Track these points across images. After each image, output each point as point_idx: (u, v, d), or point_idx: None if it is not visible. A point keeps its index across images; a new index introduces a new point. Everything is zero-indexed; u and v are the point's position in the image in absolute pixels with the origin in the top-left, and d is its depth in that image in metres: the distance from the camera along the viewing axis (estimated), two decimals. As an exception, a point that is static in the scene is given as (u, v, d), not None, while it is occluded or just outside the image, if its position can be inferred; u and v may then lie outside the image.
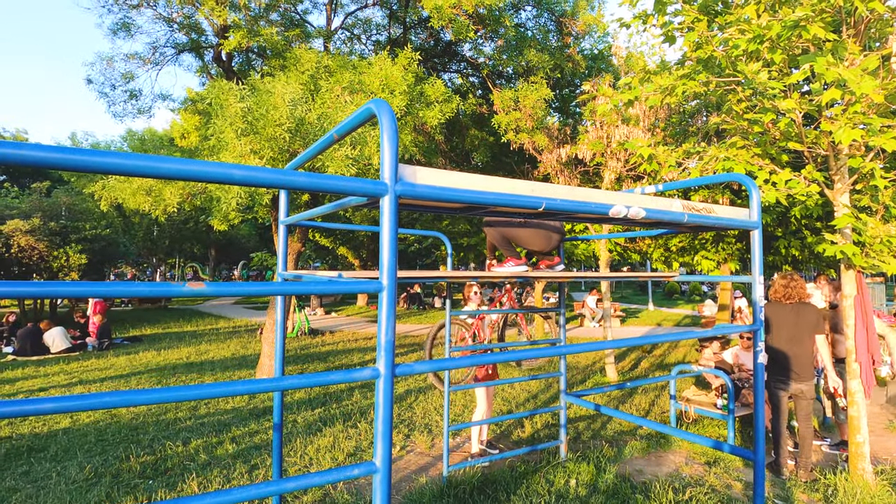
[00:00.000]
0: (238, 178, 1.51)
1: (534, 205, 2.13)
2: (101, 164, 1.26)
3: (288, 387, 1.68)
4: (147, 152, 20.81)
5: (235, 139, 4.72)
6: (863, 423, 4.20)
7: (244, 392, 1.53)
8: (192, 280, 43.13)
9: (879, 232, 4.03)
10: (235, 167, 1.51)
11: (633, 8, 5.02)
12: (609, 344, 2.70)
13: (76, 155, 1.21)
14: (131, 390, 1.30)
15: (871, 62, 3.47)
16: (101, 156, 1.30)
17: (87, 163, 1.25)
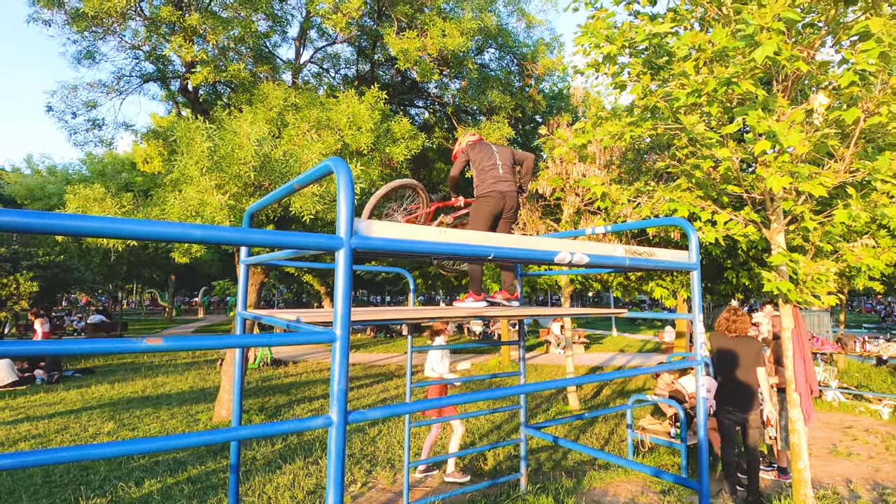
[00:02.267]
0: (198, 237, 1.60)
1: (483, 253, 2.27)
2: (67, 227, 1.33)
3: (242, 437, 1.74)
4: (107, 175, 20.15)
5: (200, 175, 4.74)
6: (803, 451, 4.45)
7: (197, 444, 1.58)
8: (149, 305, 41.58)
9: (810, 269, 4.36)
10: (195, 227, 1.59)
11: (587, 56, 5.37)
12: (567, 381, 2.84)
13: (34, 219, 1.27)
14: (78, 446, 1.33)
15: (797, 115, 3.84)
16: (65, 219, 1.37)
17: (50, 226, 1.32)
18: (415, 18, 6.49)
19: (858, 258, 4.67)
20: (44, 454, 1.28)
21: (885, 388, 9.20)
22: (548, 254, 2.52)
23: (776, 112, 4.15)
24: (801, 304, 4.81)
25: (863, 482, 5.11)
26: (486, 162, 4.06)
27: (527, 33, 8.04)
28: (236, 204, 5.04)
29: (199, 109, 7.78)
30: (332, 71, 9.76)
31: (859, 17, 3.71)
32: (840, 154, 4.21)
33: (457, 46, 6.06)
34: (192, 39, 6.08)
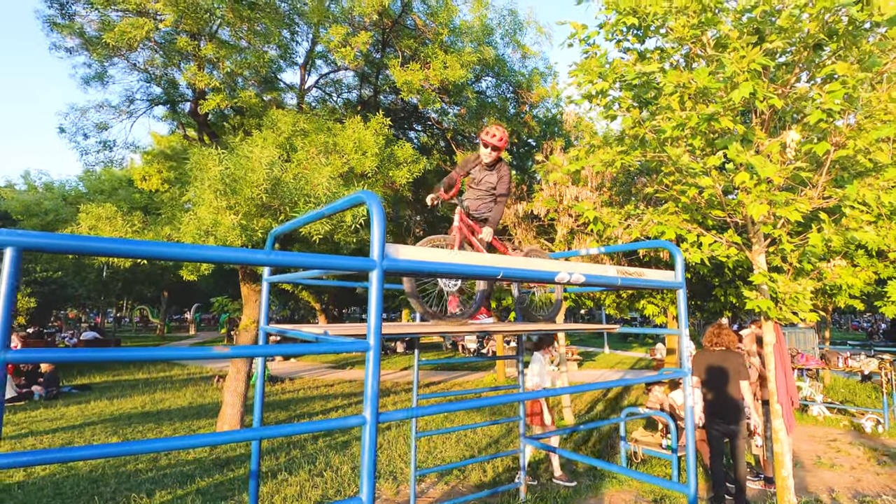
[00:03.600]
0: (232, 258, 1.84)
1: (493, 273, 2.56)
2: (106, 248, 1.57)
3: (275, 434, 1.98)
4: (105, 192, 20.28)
5: (213, 196, 5.01)
6: (787, 459, 4.72)
7: (234, 440, 1.80)
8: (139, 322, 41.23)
9: (788, 288, 4.69)
10: (230, 250, 1.84)
11: (580, 90, 5.75)
12: (563, 390, 3.11)
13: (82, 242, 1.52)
14: (125, 442, 1.58)
15: (773, 148, 4.21)
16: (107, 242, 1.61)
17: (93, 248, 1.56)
18: (418, 51, 6.87)
19: (835, 277, 5.03)
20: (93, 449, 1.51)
21: (870, 403, 9.53)
22: (549, 274, 2.81)
23: (755, 143, 4.53)
24: (782, 321, 5.14)
25: (845, 491, 5.38)
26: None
27: (522, 63, 8.48)
28: (248, 224, 5.30)
29: (207, 132, 8.09)
30: (335, 95, 10.13)
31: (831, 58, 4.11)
32: (814, 181, 4.58)
33: (457, 78, 6.43)
34: (204, 67, 6.40)
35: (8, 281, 1.41)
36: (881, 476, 5.82)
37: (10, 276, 1.41)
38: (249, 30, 6.03)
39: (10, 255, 1.41)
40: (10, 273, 1.42)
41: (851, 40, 3.82)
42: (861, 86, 3.74)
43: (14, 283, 1.42)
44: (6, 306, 1.39)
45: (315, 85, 9.37)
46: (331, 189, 5.33)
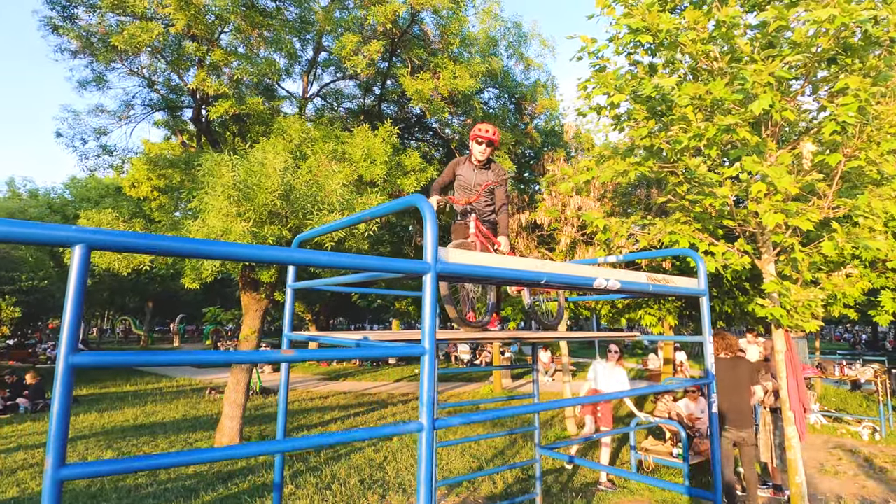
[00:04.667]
0: (296, 258, 1.77)
1: (537, 278, 2.55)
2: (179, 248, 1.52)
3: (334, 442, 1.91)
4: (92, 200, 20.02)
5: (227, 203, 4.94)
6: (800, 466, 4.76)
7: (302, 447, 1.76)
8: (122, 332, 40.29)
9: (801, 296, 4.76)
10: (294, 251, 1.78)
11: (590, 101, 5.83)
12: (583, 399, 3.10)
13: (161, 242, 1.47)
14: (189, 451, 1.53)
15: (785, 158, 4.30)
16: (180, 242, 1.57)
17: (165, 247, 1.51)
18: (428, 61, 6.92)
19: (836, 287, 5.12)
20: (171, 457, 1.45)
21: (862, 411, 9.68)
22: (588, 279, 2.81)
23: (766, 154, 4.62)
24: (792, 329, 5.21)
25: (852, 498, 5.43)
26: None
27: (525, 75, 8.59)
28: (259, 231, 5.23)
29: (209, 139, 8.00)
30: (336, 105, 10.12)
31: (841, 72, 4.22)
32: (823, 191, 4.68)
33: (467, 88, 6.48)
34: (211, 73, 6.35)
35: (77, 281, 1.35)
36: (883, 483, 5.89)
37: (78, 277, 1.35)
38: (260, 37, 6.01)
39: (80, 254, 1.36)
40: (78, 273, 1.36)
41: (863, 55, 3.93)
42: (873, 99, 3.85)
43: (83, 284, 1.37)
44: (75, 308, 1.33)
45: (317, 94, 9.36)
46: (344, 196, 5.29)
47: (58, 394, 1.29)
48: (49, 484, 1.22)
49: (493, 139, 3.73)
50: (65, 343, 1.30)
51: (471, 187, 3.88)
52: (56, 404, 1.28)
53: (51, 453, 1.25)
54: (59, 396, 1.29)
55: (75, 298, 1.32)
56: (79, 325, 1.34)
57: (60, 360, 1.30)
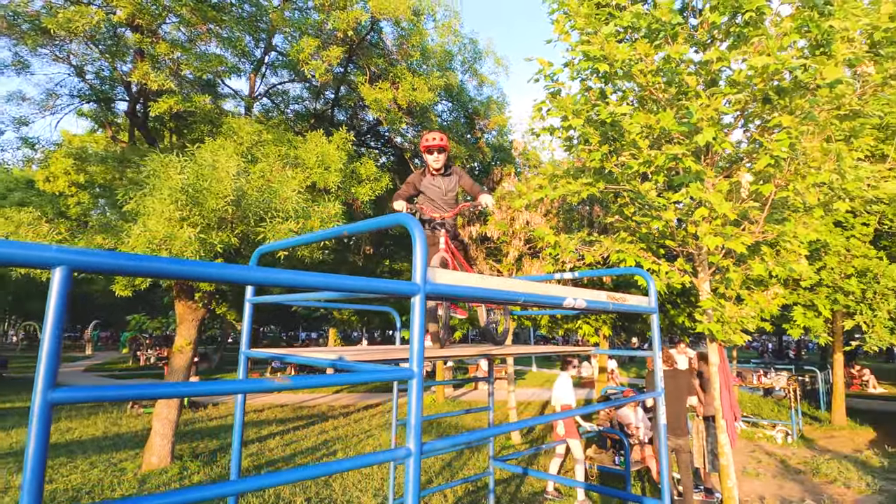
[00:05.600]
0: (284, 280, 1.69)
1: (516, 298, 2.60)
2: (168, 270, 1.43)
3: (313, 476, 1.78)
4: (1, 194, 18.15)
5: (172, 207, 4.63)
6: (731, 471, 5.13)
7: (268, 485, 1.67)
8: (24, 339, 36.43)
9: (733, 313, 5.16)
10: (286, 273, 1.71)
11: (543, 122, 6.03)
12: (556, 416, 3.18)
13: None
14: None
15: (723, 186, 4.66)
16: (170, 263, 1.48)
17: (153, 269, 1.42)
18: (386, 71, 6.87)
19: (758, 303, 5.59)
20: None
21: (774, 416, 10.60)
22: (559, 299, 2.90)
23: (706, 182, 4.99)
24: (724, 343, 5.63)
25: (772, 498, 5.92)
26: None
27: (478, 90, 8.76)
28: (206, 238, 4.94)
29: (146, 135, 7.49)
30: (283, 105, 9.81)
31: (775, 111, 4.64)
32: (755, 218, 5.12)
33: (425, 100, 6.50)
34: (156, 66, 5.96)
35: (56, 307, 1.22)
36: (799, 483, 6.49)
37: (58, 302, 1.22)
38: (210, 32, 5.71)
39: (60, 277, 1.23)
40: (58, 297, 1.23)
41: (793, 97, 4.36)
42: (801, 137, 4.28)
43: (63, 311, 1.24)
44: (54, 338, 1.20)
45: (266, 94, 9.03)
46: (299, 204, 5.12)
47: (34, 435, 1.15)
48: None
49: (443, 146, 3.74)
50: (42, 377, 1.16)
51: (441, 195, 3.86)
52: (32, 446, 1.14)
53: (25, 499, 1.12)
54: (35, 438, 1.15)
55: (54, 328, 1.19)
56: (58, 356, 1.21)
57: (37, 397, 1.17)
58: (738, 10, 4.32)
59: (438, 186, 3.85)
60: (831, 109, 4.67)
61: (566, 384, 6.30)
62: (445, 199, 3.87)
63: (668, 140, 5.00)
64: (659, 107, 5.07)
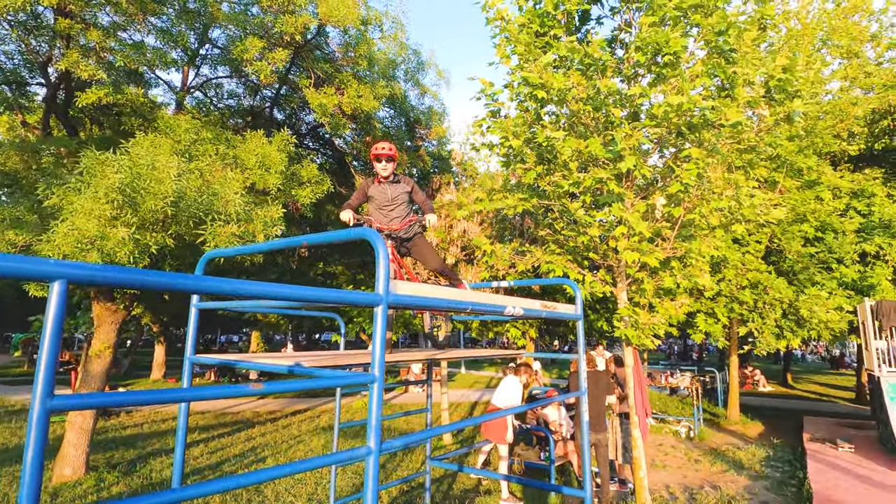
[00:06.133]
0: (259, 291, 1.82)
1: (464, 306, 2.85)
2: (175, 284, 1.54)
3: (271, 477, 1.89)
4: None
5: (108, 207, 4.42)
6: (642, 462, 5.70)
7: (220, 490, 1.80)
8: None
9: (646, 320, 5.75)
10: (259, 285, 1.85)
11: (484, 137, 6.38)
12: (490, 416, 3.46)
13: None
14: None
15: (640, 206, 5.21)
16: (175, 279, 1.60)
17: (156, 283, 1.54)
18: (333, 76, 6.90)
19: (667, 311, 6.26)
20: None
21: (679, 413, 11.69)
22: (501, 307, 3.19)
23: (626, 203, 5.54)
24: (638, 346, 6.23)
25: (677, 487, 6.62)
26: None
27: (420, 100, 8.97)
28: (141, 238, 4.76)
29: (67, 125, 7.00)
30: (216, 99, 9.48)
31: (686, 143, 5.26)
32: (666, 235, 5.75)
33: (370, 108, 6.62)
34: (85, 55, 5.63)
35: (55, 319, 1.30)
36: (699, 472, 7.28)
37: (57, 314, 1.31)
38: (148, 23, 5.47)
39: (59, 290, 1.32)
40: (57, 309, 1.31)
41: (701, 132, 4.98)
42: (708, 167, 4.91)
43: (61, 322, 1.32)
44: (52, 348, 1.28)
45: (198, 87, 8.70)
46: (241, 207, 5.07)
47: (32, 442, 1.23)
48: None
49: (391, 155, 3.91)
50: (41, 385, 1.24)
51: (388, 203, 4.01)
52: (31, 450, 1.22)
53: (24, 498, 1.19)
54: (33, 445, 1.22)
55: (53, 338, 1.27)
56: (55, 366, 1.29)
57: (36, 404, 1.25)
58: (658, 51, 4.87)
59: (385, 193, 4.01)
60: (733, 143, 5.38)
61: (514, 387, 6.59)
62: (391, 206, 4.04)
63: (594, 163, 5.50)
64: (588, 131, 5.57)
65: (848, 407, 14.32)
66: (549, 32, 5.81)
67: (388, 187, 4.00)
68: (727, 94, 4.91)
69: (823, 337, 9.60)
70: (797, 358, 38.78)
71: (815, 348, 44.34)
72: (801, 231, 9.60)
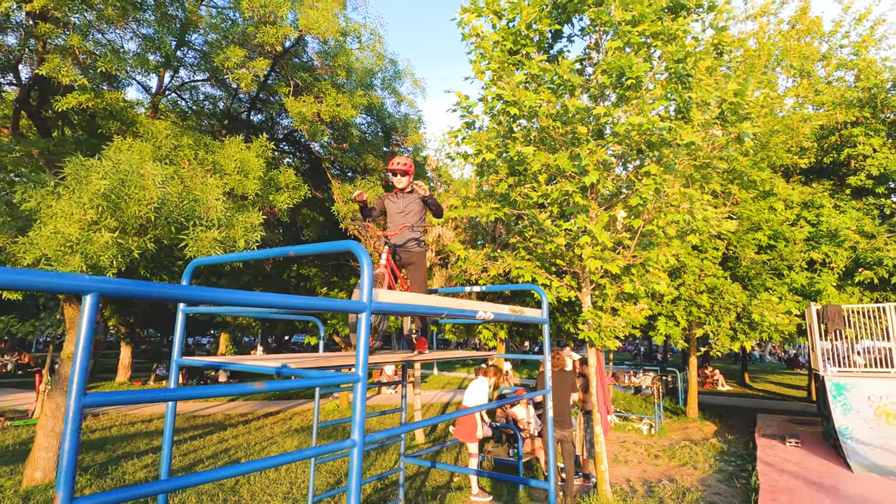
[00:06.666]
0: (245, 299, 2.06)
1: (440, 312, 3.11)
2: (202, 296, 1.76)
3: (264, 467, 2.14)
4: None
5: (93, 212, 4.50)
6: (604, 456, 6.06)
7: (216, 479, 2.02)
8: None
9: (608, 323, 6.13)
10: (267, 296, 2.09)
11: (459, 147, 6.66)
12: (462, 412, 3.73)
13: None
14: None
15: (603, 218, 5.57)
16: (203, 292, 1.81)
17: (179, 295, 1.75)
18: (312, 85, 7.05)
19: (628, 314, 6.67)
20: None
21: (642, 411, 12.22)
22: (473, 312, 3.46)
23: (590, 214, 5.91)
24: (601, 348, 6.61)
25: (637, 480, 7.03)
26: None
27: (396, 108, 9.19)
28: (124, 243, 4.84)
29: (40, 126, 6.96)
30: (191, 101, 9.49)
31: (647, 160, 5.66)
32: (627, 244, 6.14)
33: (348, 117, 6.81)
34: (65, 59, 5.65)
35: (87, 327, 1.51)
36: (658, 467, 7.73)
37: (88, 323, 1.52)
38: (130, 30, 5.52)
39: (91, 302, 1.52)
40: (89, 319, 1.52)
41: (660, 150, 5.38)
42: (665, 182, 5.30)
43: (92, 330, 1.53)
44: (85, 353, 1.49)
45: (174, 89, 8.71)
46: (223, 212, 5.20)
47: (69, 433, 1.44)
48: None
49: (406, 169, 4.30)
50: (76, 384, 1.45)
51: (397, 210, 4.32)
52: (67, 443, 1.43)
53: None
54: (70, 436, 1.43)
55: (86, 344, 1.48)
56: (88, 368, 1.50)
57: (72, 401, 1.46)
58: (622, 74, 5.24)
59: (396, 203, 4.36)
60: (689, 160, 5.81)
61: (481, 388, 6.85)
62: (400, 216, 4.33)
63: (562, 175, 5.85)
64: (557, 143, 5.91)
65: (800, 405, 15.18)
66: (522, 51, 6.14)
67: (400, 198, 4.35)
68: (682, 117, 5.33)
69: (774, 339, 10.25)
70: (755, 358, 40.47)
71: (774, 349, 46.34)
72: (755, 239, 10.22)
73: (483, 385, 6.86)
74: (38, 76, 6.42)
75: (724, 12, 6.11)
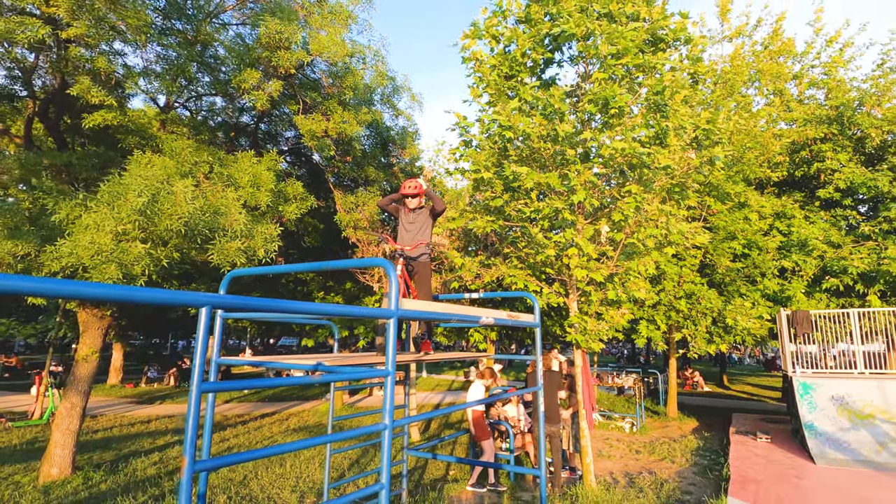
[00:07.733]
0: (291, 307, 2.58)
1: (450, 317, 3.62)
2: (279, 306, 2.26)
3: (318, 443, 2.63)
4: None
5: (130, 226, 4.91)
6: (589, 450, 6.61)
7: (302, 447, 2.50)
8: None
9: (592, 327, 6.69)
10: (301, 304, 2.59)
11: (456, 164, 7.18)
12: (458, 406, 4.24)
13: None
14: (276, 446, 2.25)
15: (588, 231, 6.14)
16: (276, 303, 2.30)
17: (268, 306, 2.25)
18: (320, 104, 7.52)
19: (612, 319, 7.23)
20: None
21: (624, 410, 12.84)
22: (477, 318, 3.97)
23: (577, 227, 6.47)
24: (586, 349, 7.17)
25: (620, 472, 7.59)
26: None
27: (394, 121, 9.70)
28: (154, 253, 5.26)
29: (58, 139, 7.32)
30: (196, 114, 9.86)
31: (625, 181, 6.24)
32: (610, 255, 6.71)
33: (353, 133, 7.29)
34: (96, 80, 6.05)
35: (203, 333, 2.00)
36: (639, 461, 8.31)
37: (205, 329, 2.01)
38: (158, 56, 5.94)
39: (205, 313, 2.01)
40: (205, 326, 2.01)
41: (640, 171, 5.96)
42: (644, 200, 5.89)
43: (207, 335, 2.02)
44: (202, 352, 1.97)
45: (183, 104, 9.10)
46: (245, 224, 5.64)
47: (192, 413, 1.93)
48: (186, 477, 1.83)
49: (418, 192, 4.80)
50: (196, 374, 1.94)
51: (409, 223, 4.83)
52: (190, 420, 1.92)
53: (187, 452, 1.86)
54: (192, 415, 1.93)
55: (203, 346, 1.97)
56: (204, 363, 1.98)
57: (193, 387, 1.95)
58: (606, 104, 5.82)
59: (407, 221, 4.88)
60: (668, 180, 6.40)
61: (478, 390, 7.36)
62: (413, 230, 4.84)
63: (552, 192, 6.40)
64: (547, 163, 6.47)
65: (774, 405, 15.95)
66: (517, 76, 6.70)
67: (411, 216, 4.89)
68: (660, 142, 5.92)
69: (747, 342, 10.94)
70: (734, 361, 41.61)
71: (753, 352, 47.62)
72: (730, 248, 10.91)
73: (479, 387, 7.38)
74: (56, 90, 6.80)
75: (700, 44, 6.73)
